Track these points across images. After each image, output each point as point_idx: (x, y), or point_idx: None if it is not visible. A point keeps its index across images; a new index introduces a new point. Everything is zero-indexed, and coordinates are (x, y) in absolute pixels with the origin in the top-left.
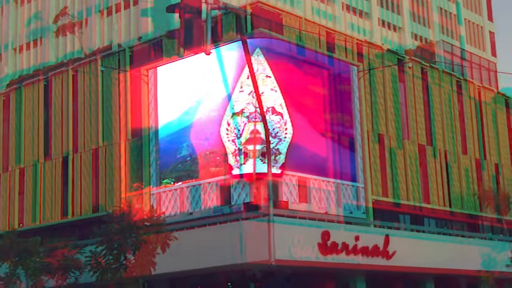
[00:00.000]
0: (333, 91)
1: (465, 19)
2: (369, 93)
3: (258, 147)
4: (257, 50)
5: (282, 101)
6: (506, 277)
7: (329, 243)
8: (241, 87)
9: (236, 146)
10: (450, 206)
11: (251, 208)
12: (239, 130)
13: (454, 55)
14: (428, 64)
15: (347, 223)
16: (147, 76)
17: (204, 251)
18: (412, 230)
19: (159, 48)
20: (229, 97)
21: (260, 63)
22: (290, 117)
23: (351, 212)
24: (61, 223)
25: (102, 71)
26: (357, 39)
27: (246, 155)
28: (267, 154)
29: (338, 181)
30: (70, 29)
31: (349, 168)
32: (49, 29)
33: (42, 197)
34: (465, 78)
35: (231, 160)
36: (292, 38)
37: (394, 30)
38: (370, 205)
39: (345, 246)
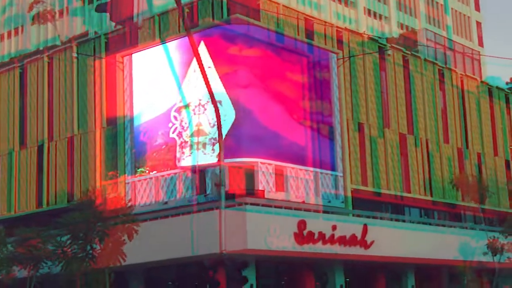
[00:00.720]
0: (312, 78)
1: (452, 9)
2: (349, 81)
3: (201, 138)
4: (201, 42)
5: (223, 90)
6: (484, 267)
7: (305, 232)
8: (189, 79)
9: (182, 139)
10: (431, 196)
11: (226, 197)
12: (185, 123)
13: (437, 44)
14: (409, 52)
15: (325, 212)
16: (122, 63)
17: (178, 241)
18: (391, 220)
19: (134, 35)
20: (179, 89)
21: (203, 54)
22: (233, 104)
23: (329, 201)
24: (36, 212)
25: (77, 58)
26: (336, 26)
27: (191, 147)
28: (219, 143)
29: (317, 170)
30: (46, 17)
31: (328, 157)
32: (26, 17)
33: (17, 186)
34: (448, 66)
35: (178, 152)
36: (270, 25)
37: (380, 19)
38: (349, 194)
39: (321, 235)
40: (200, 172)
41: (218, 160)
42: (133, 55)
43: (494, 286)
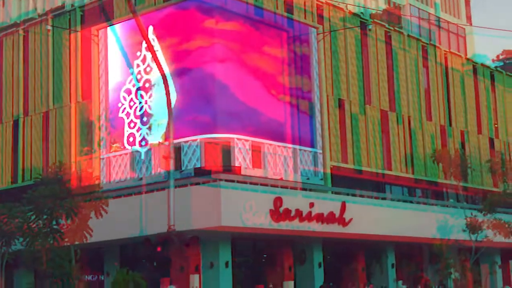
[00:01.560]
0: (292, 54)
1: None
2: (329, 57)
3: (145, 119)
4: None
5: (167, 72)
6: (463, 245)
7: (281, 209)
8: (141, 60)
9: (129, 119)
10: (413, 173)
11: (202, 173)
12: (133, 103)
13: (422, 20)
14: (392, 28)
15: (303, 189)
16: (98, 36)
17: (152, 218)
18: (371, 197)
19: (110, 8)
20: (130, 69)
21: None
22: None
23: (308, 178)
24: (11, 188)
25: (52, 31)
26: (317, 0)
27: (139, 128)
28: (169, 121)
29: (296, 146)
30: None
31: (308, 134)
32: None
33: None
34: (432, 43)
35: (126, 131)
36: None
37: None
38: (328, 171)
39: (298, 212)
40: (175, 148)
41: (166, 139)
42: (108, 28)
43: (472, 263)
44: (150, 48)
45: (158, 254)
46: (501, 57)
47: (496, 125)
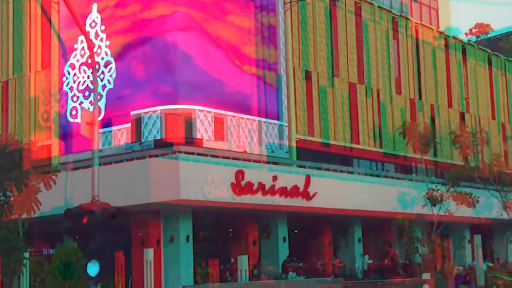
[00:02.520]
0: (259, 24)
1: None
2: (297, 28)
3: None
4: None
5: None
6: (425, 220)
7: (243, 182)
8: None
9: (73, 92)
10: (381, 147)
11: (162, 145)
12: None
13: None
14: None
15: (267, 162)
16: (58, 3)
17: (111, 191)
18: (337, 171)
19: None
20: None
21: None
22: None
23: (272, 151)
24: None
25: None
26: None
27: (81, 102)
28: (94, 96)
29: (261, 119)
30: None
31: (274, 106)
32: None
33: None
34: (404, 15)
35: (69, 105)
36: None
37: None
38: (294, 144)
39: (261, 186)
40: (136, 119)
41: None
42: None
43: (440, 238)
44: (81, 30)
45: (116, 228)
46: (474, 30)
47: (467, 100)
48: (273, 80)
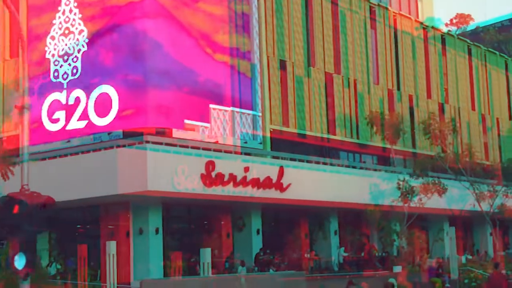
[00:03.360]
0: (232, 12)
1: None
2: (271, 16)
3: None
4: None
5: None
6: (397, 211)
7: (214, 173)
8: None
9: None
10: (358, 138)
11: (132, 135)
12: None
13: None
14: None
15: (239, 153)
16: None
17: (78, 182)
18: (312, 162)
19: None
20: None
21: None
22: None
23: (246, 142)
24: None
25: None
26: None
27: None
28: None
29: (235, 109)
30: None
31: (248, 96)
32: None
33: None
34: (383, 4)
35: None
36: None
37: None
38: (268, 134)
39: (233, 177)
40: None
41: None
42: None
43: (404, 229)
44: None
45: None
46: (454, 21)
47: (446, 90)
48: (247, 70)
